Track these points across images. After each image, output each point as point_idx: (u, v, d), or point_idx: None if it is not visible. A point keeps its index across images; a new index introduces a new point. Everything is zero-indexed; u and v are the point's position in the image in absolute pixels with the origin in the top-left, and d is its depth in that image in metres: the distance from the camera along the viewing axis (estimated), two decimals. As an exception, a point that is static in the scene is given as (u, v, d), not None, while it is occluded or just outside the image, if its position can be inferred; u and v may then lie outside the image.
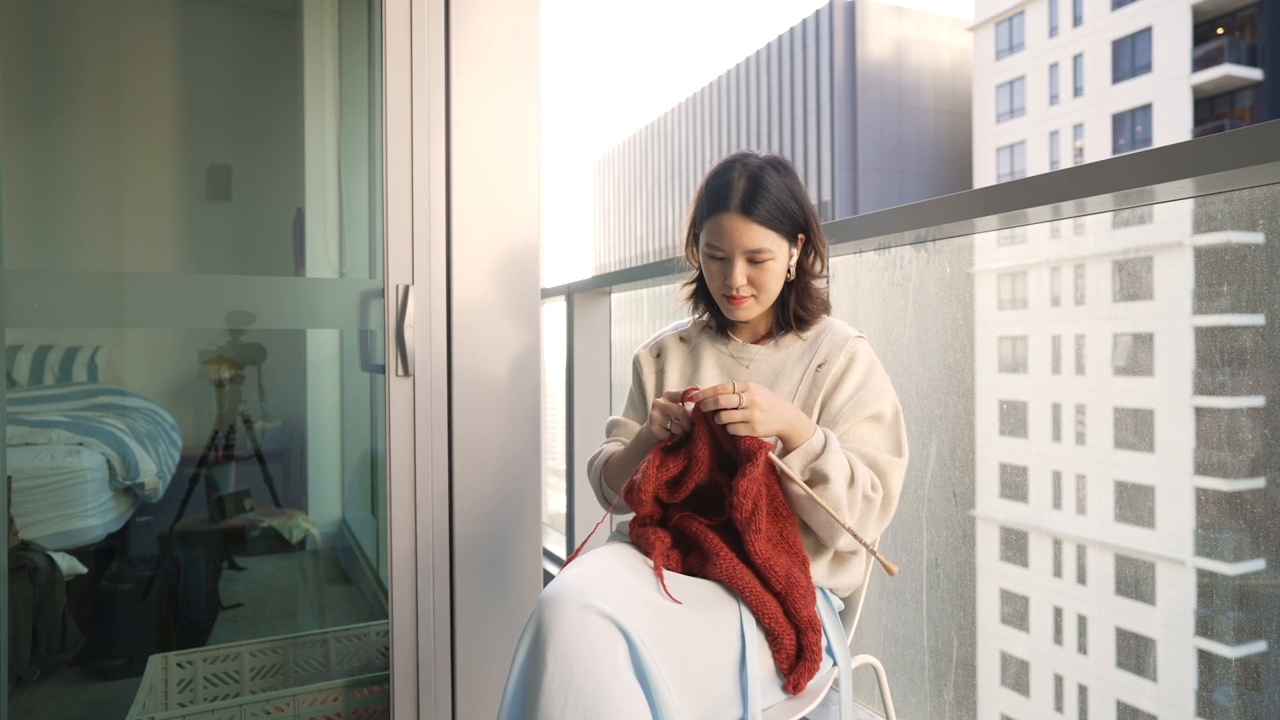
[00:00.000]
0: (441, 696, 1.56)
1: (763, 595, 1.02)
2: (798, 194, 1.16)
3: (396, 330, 1.52)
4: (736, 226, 1.12)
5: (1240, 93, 23.22)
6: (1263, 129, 0.88)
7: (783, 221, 1.13)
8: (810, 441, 1.06)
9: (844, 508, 1.04)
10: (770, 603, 1.02)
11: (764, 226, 1.12)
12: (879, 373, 1.18)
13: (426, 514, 1.54)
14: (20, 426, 2.07)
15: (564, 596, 0.91)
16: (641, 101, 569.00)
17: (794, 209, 1.15)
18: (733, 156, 1.17)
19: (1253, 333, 1.45)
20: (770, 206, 1.12)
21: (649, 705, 0.89)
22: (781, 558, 1.03)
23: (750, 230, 1.12)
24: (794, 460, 1.05)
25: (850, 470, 1.06)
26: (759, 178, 1.12)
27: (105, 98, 2.31)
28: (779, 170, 1.15)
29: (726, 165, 1.16)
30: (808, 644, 1.02)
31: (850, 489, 1.05)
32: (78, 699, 1.93)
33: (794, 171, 1.17)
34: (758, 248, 1.12)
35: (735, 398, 1.01)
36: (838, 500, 1.04)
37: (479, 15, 1.59)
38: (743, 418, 1.01)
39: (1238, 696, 2.73)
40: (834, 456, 1.05)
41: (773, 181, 1.13)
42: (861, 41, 35.83)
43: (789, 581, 1.02)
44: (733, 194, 1.12)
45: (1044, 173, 1.16)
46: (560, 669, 0.88)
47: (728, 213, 1.12)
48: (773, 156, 1.17)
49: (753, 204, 1.11)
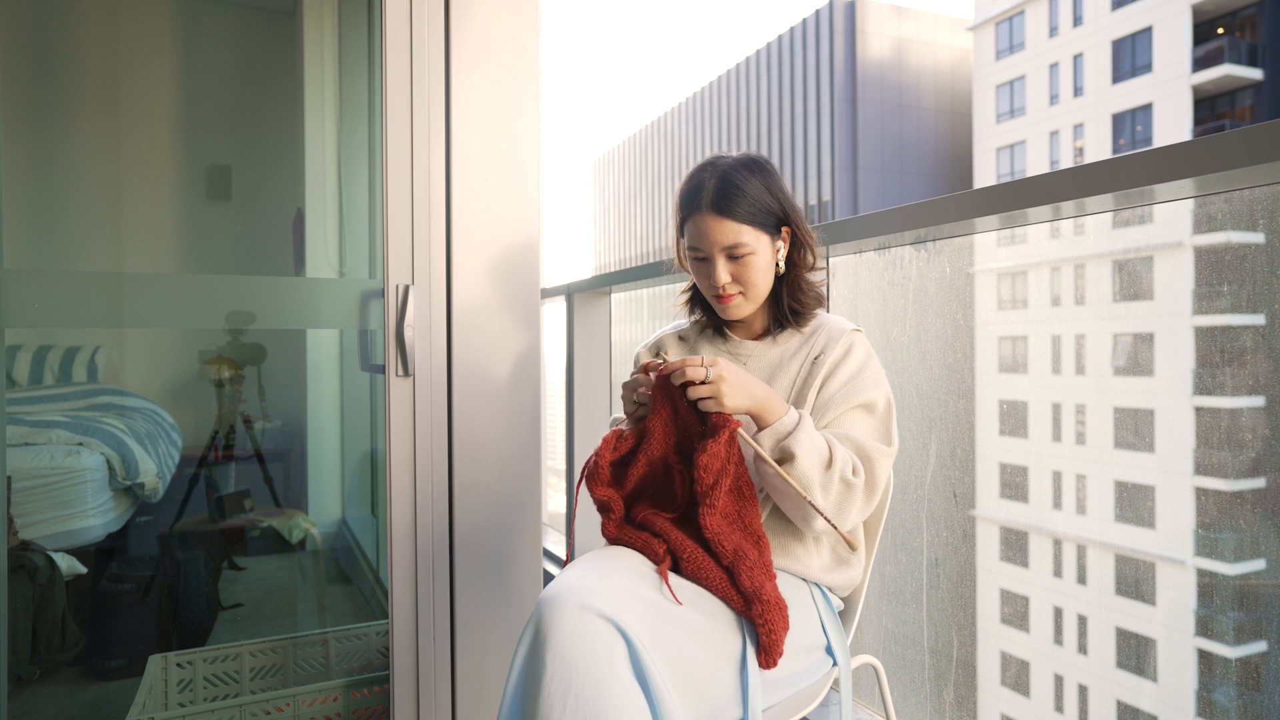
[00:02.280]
0: (441, 696, 1.56)
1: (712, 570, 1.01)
2: (773, 188, 1.16)
3: (396, 330, 1.52)
4: (710, 225, 1.13)
5: (1240, 93, 23.22)
6: (1263, 129, 0.88)
7: (758, 215, 1.14)
8: (782, 420, 1.04)
9: (815, 487, 1.02)
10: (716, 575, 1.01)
11: (738, 221, 1.13)
12: (874, 364, 1.17)
13: (426, 514, 1.54)
14: (20, 426, 2.07)
15: (562, 597, 0.91)
16: (641, 101, 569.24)
17: (769, 202, 1.15)
18: (704, 161, 1.19)
19: (1253, 333, 1.45)
20: (743, 201, 1.13)
21: (648, 706, 0.89)
22: (734, 534, 1.02)
23: (724, 226, 1.13)
24: (764, 439, 1.04)
25: (828, 452, 1.04)
26: (728, 176, 1.14)
27: (105, 98, 2.31)
28: (750, 168, 1.16)
29: (698, 170, 1.18)
30: (755, 616, 0.98)
31: (826, 470, 1.03)
32: (78, 699, 1.93)
33: (769, 168, 1.18)
34: (734, 243, 1.13)
35: (702, 370, 1.00)
36: (807, 479, 1.02)
37: (479, 15, 1.59)
38: (710, 392, 1.00)
39: (1238, 696, 2.73)
40: (804, 435, 1.03)
41: (743, 178, 1.14)
42: (861, 41, 35.82)
43: (736, 555, 1.00)
44: (703, 194, 1.14)
45: (1044, 173, 1.16)
46: (559, 670, 0.88)
47: (700, 213, 1.14)
48: (745, 156, 1.18)
49: (723, 201, 1.12)
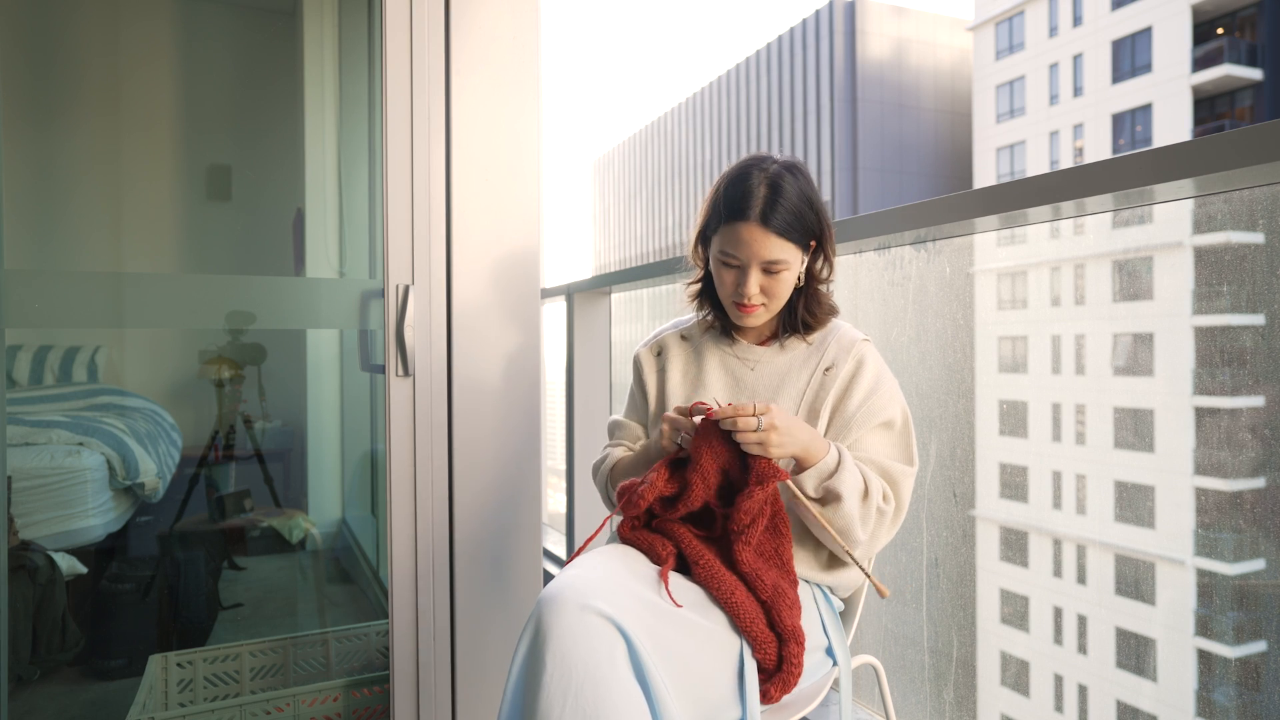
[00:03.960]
0: (441, 696, 1.56)
1: (744, 600, 1.00)
2: (814, 200, 1.13)
3: (396, 330, 1.52)
4: (755, 238, 1.09)
5: (1240, 93, 23.21)
6: (1263, 129, 0.88)
7: (799, 231, 1.11)
8: (824, 461, 1.05)
9: (857, 522, 1.05)
10: (751, 607, 1.00)
11: (781, 238, 1.10)
12: (888, 378, 1.17)
13: (426, 514, 1.54)
14: (20, 426, 2.07)
15: (563, 596, 0.91)
16: (641, 101, 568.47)
17: (810, 217, 1.12)
18: (750, 160, 1.14)
19: (1253, 333, 1.45)
20: (789, 216, 1.09)
21: (648, 705, 0.89)
22: (771, 571, 1.03)
23: (769, 242, 1.09)
24: (808, 479, 1.05)
25: (864, 484, 1.07)
26: (778, 185, 1.10)
27: (105, 98, 2.31)
28: (796, 176, 1.12)
29: (745, 170, 1.13)
30: (788, 654, 1.00)
31: (864, 503, 1.06)
32: (78, 699, 1.93)
33: (809, 175, 1.15)
34: (775, 259, 1.10)
35: (754, 421, 0.99)
36: (850, 517, 1.05)
37: (479, 15, 1.59)
38: (758, 439, 0.99)
39: (1238, 696, 2.73)
40: (847, 474, 1.05)
41: (791, 188, 1.10)
42: (861, 41, 35.81)
43: (775, 591, 1.01)
44: (753, 203, 1.09)
45: (1044, 173, 1.16)
46: (559, 669, 0.88)
47: (746, 223, 1.09)
48: (789, 160, 1.14)
49: (772, 214, 1.09)
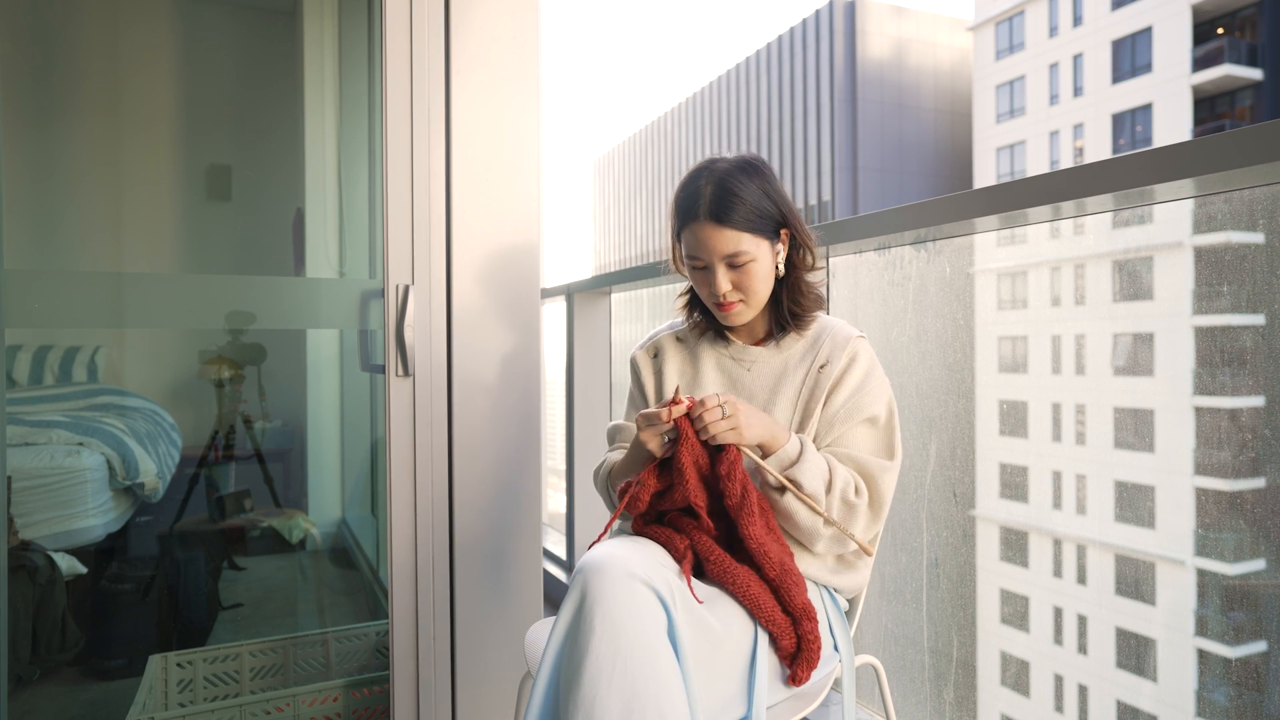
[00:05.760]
0: (441, 696, 1.56)
1: (760, 593, 1.02)
2: (771, 192, 1.14)
3: (396, 330, 1.52)
4: (710, 234, 1.11)
5: (1240, 93, 23.21)
6: (1263, 129, 0.88)
7: (757, 221, 1.12)
8: (785, 448, 1.07)
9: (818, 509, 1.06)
10: (766, 599, 1.02)
11: (737, 230, 1.11)
12: (878, 374, 1.18)
13: (426, 514, 1.54)
14: (20, 426, 2.07)
15: (608, 563, 0.91)
16: (641, 101, 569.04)
17: (768, 207, 1.13)
18: (700, 164, 1.16)
19: (1253, 333, 1.45)
20: (741, 208, 1.10)
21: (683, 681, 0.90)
22: (774, 545, 1.04)
23: (723, 235, 1.11)
24: (769, 465, 1.07)
25: (829, 475, 1.08)
26: (725, 183, 1.11)
27: (105, 98, 2.31)
28: (747, 171, 1.13)
29: (693, 175, 1.15)
30: (804, 632, 1.02)
31: (826, 494, 1.07)
32: (78, 699, 1.93)
33: (766, 170, 1.15)
34: (734, 251, 1.11)
35: (718, 410, 1.02)
36: (813, 504, 1.06)
37: (479, 15, 1.59)
38: (730, 425, 1.02)
39: (1238, 696, 2.73)
40: (808, 464, 1.06)
41: (740, 184, 1.11)
42: (861, 41, 35.82)
43: (782, 569, 1.03)
44: (700, 201, 1.11)
45: (1044, 173, 1.16)
46: (608, 632, 0.87)
47: (698, 221, 1.12)
48: (742, 158, 1.16)
49: (721, 209, 1.10)
